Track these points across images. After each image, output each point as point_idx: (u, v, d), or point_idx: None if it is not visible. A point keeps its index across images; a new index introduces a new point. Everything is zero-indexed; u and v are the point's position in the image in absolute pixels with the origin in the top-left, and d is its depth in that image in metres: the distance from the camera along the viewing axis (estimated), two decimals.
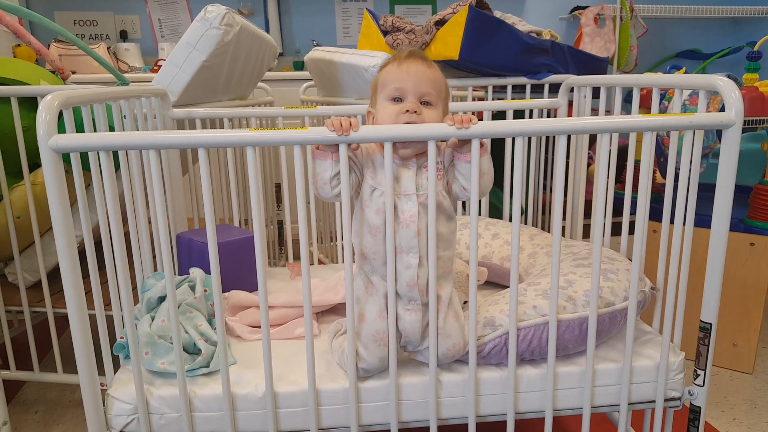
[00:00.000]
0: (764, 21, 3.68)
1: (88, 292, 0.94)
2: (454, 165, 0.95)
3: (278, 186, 2.47)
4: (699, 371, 1.03)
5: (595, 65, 2.17)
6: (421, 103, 0.95)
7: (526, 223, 1.93)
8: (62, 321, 1.79)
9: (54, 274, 1.46)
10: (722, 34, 3.85)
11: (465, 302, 1.31)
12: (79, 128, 1.02)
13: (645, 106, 2.02)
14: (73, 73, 2.66)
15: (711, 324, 1.01)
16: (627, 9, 3.24)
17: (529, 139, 1.80)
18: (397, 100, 0.95)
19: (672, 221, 1.04)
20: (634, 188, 1.20)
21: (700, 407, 1.04)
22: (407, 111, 0.93)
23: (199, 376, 1.00)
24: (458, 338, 0.98)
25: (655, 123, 0.90)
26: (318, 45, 3.39)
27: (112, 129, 1.16)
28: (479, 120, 0.87)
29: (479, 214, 1.65)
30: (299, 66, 3.32)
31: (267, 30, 3.35)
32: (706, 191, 1.21)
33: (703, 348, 1.01)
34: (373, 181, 0.95)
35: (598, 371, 1.01)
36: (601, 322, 1.02)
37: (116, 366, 1.03)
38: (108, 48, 3.04)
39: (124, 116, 1.19)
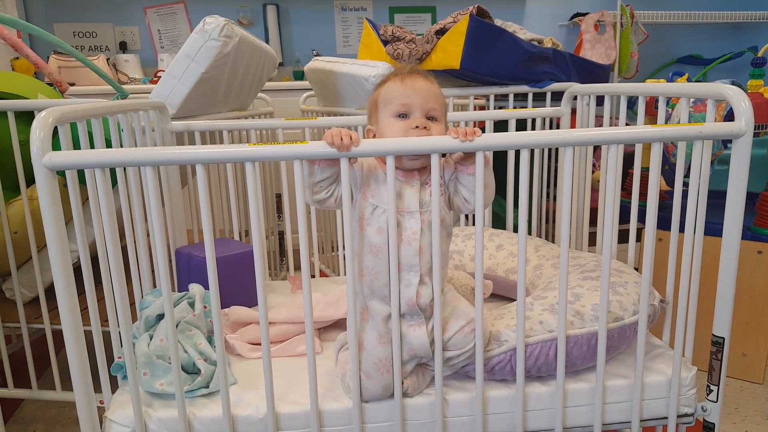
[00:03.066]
0: (765, 26, 3.67)
1: (85, 308, 0.91)
2: (457, 178, 0.94)
3: (279, 196, 2.45)
4: (712, 387, 1.01)
5: (597, 72, 2.16)
6: (427, 117, 0.93)
7: (530, 233, 1.90)
8: (61, 337, 1.74)
9: (52, 290, 1.42)
10: (723, 39, 3.84)
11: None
12: (76, 142, 1.00)
13: (649, 113, 2.00)
14: (72, 85, 2.66)
15: (724, 338, 0.98)
16: (627, 15, 3.23)
17: (532, 153, 1.78)
18: (403, 116, 0.93)
19: (681, 230, 1.02)
20: (640, 197, 1.17)
21: (714, 423, 1.01)
22: (416, 127, 0.91)
23: (199, 397, 0.97)
24: (469, 311, 0.96)
25: (664, 134, 0.88)
26: (318, 55, 3.38)
27: (109, 143, 1.14)
28: (482, 130, 0.85)
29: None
30: (299, 76, 3.31)
31: (266, 40, 3.35)
32: (712, 198, 1.19)
33: (716, 363, 0.99)
34: (374, 199, 0.93)
35: (609, 388, 0.99)
36: (610, 337, 0.99)
37: (113, 383, 1.00)
38: (107, 59, 3.03)
39: (122, 130, 1.17)
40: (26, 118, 1.44)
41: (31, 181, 1.45)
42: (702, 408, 1.02)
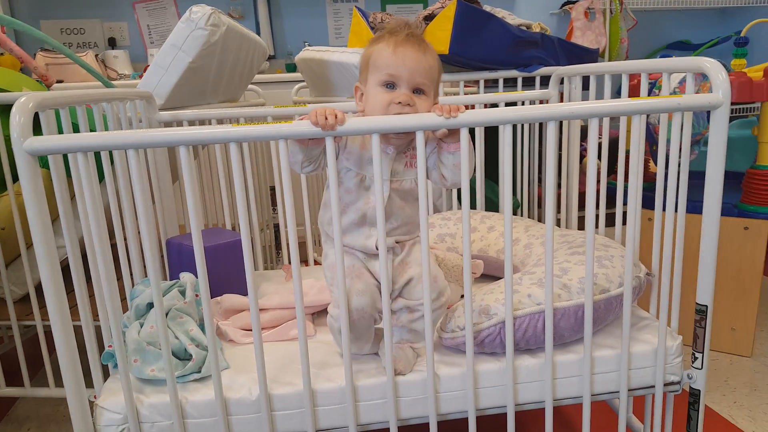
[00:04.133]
0: (751, 10, 3.69)
1: (75, 305, 0.91)
2: (437, 153, 0.95)
3: (273, 189, 2.45)
4: (697, 354, 1.02)
5: (586, 57, 2.16)
6: (414, 91, 0.93)
7: (521, 216, 1.91)
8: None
9: (42, 287, 1.44)
10: (710, 24, 3.86)
11: (462, 296, 1.30)
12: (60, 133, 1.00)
13: (635, 96, 2.01)
14: (60, 82, 2.65)
15: (707, 306, 1.00)
16: (617, 2, 3.24)
17: (522, 130, 1.79)
18: (390, 86, 0.93)
19: (665, 207, 1.03)
20: (626, 178, 1.18)
21: (699, 390, 1.03)
22: (399, 102, 0.91)
23: (191, 382, 0.98)
24: (436, 271, 1.00)
25: (644, 106, 0.89)
26: (309, 46, 3.37)
27: None
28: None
29: (474, 208, 1.63)
30: (291, 68, 3.30)
31: (258, 33, 3.34)
32: (699, 179, 1.20)
33: (700, 330, 1.00)
34: (348, 161, 0.95)
35: (597, 358, 1.00)
36: (597, 308, 1.01)
37: (106, 377, 1.01)
38: (96, 56, 3.02)
39: (108, 120, 1.17)
40: (9, 112, 1.43)
41: (18, 176, 1.45)
42: (688, 376, 1.03)
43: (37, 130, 0.81)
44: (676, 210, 0.99)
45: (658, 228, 1.00)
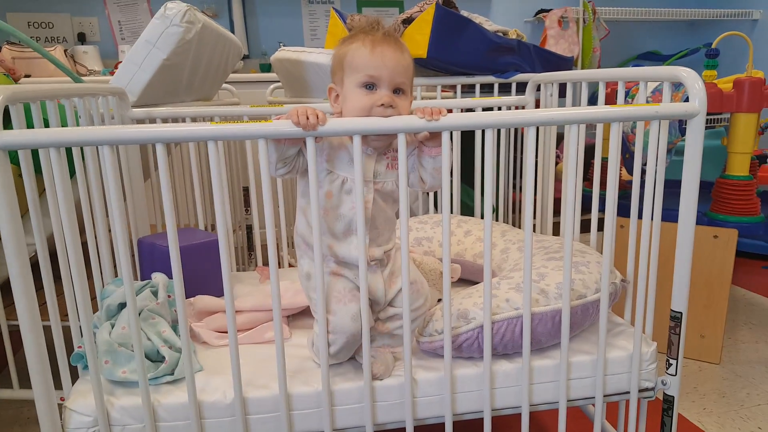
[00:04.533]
0: (719, 23, 3.81)
1: (43, 303, 0.88)
2: (417, 156, 0.95)
3: (246, 189, 2.41)
4: (671, 360, 1.04)
5: (561, 64, 2.19)
6: (394, 91, 0.91)
7: (497, 220, 1.93)
8: (18, 335, 1.71)
9: (7, 286, 1.39)
10: (680, 36, 3.97)
11: (439, 300, 1.30)
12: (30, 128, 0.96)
13: (610, 104, 2.05)
14: (28, 77, 2.56)
15: (681, 313, 1.02)
16: (590, 11, 3.31)
17: (499, 135, 1.81)
18: (370, 86, 0.90)
19: (640, 216, 1.05)
20: (601, 186, 1.20)
21: (673, 396, 1.05)
22: (382, 105, 0.89)
23: (163, 385, 0.95)
24: (413, 271, 1.00)
25: (622, 113, 0.91)
26: (285, 47, 3.34)
27: None
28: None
29: (450, 212, 1.63)
30: (266, 68, 3.27)
31: (232, 32, 3.29)
32: (671, 187, 1.22)
33: (675, 337, 1.02)
34: (328, 164, 0.93)
35: (573, 364, 1.01)
36: (574, 314, 1.01)
37: (74, 379, 0.98)
38: (65, 51, 2.94)
39: (79, 116, 1.13)
40: None
41: None
42: (662, 382, 1.05)
43: (5, 124, 0.78)
44: (652, 218, 1.00)
45: (633, 235, 1.02)
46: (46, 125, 1.00)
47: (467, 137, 1.79)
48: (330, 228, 0.96)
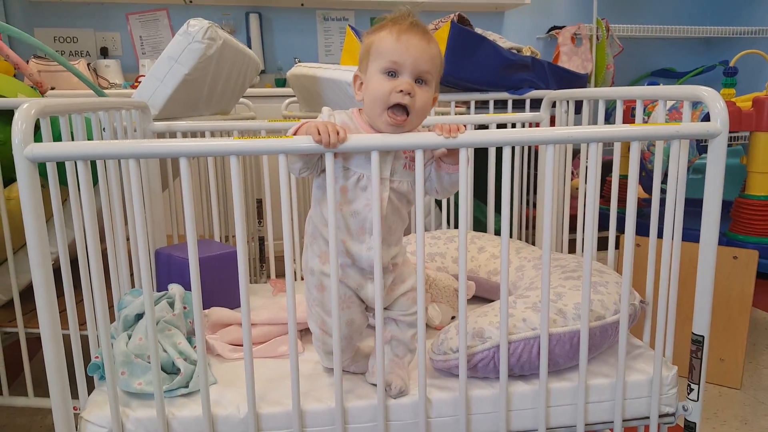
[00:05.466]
0: (735, 41, 3.79)
1: (63, 311, 0.89)
2: (434, 168, 0.96)
3: (260, 202, 2.43)
4: (693, 385, 1.02)
5: (575, 81, 2.20)
6: (416, 80, 0.90)
7: (511, 236, 1.92)
8: (34, 342, 1.72)
9: (26, 294, 1.41)
10: (695, 53, 3.95)
11: (453, 317, 1.29)
12: (57, 140, 0.98)
13: (626, 122, 2.04)
14: (52, 89, 2.62)
15: (703, 336, 1.00)
16: (603, 28, 3.31)
17: (514, 151, 1.81)
18: (392, 74, 0.90)
19: (660, 235, 1.04)
20: (620, 203, 1.19)
21: (695, 423, 1.02)
22: (401, 91, 0.88)
23: (178, 397, 0.95)
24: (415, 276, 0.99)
25: (642, 132, 0.90)
26: (301, 63, 3.39)
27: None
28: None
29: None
30: (281, 83, 3.31)
31: (249, 48, 3.34)
32: (688, 206, 1.21)
33: (696, 361, 1.00)
34: (346, 161, 0.92)
35: (591, 387, 0.99)
36: (592, 335, 1.00)
37: (91, 390, 0.98)
38: (88, 64, 3.00)
39: (104, 129, 1.15)
40: (5, 117, 1.41)
41: (8, 181, 1.42)
42: (683, 407, 1.02)
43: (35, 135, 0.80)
44: (672, 238, 0.99)
45: (652, 256, 1.00)
46: (72, 137, 1.02)
47: (480, 152, 1.79)
48: (344, 222, 0.95)
